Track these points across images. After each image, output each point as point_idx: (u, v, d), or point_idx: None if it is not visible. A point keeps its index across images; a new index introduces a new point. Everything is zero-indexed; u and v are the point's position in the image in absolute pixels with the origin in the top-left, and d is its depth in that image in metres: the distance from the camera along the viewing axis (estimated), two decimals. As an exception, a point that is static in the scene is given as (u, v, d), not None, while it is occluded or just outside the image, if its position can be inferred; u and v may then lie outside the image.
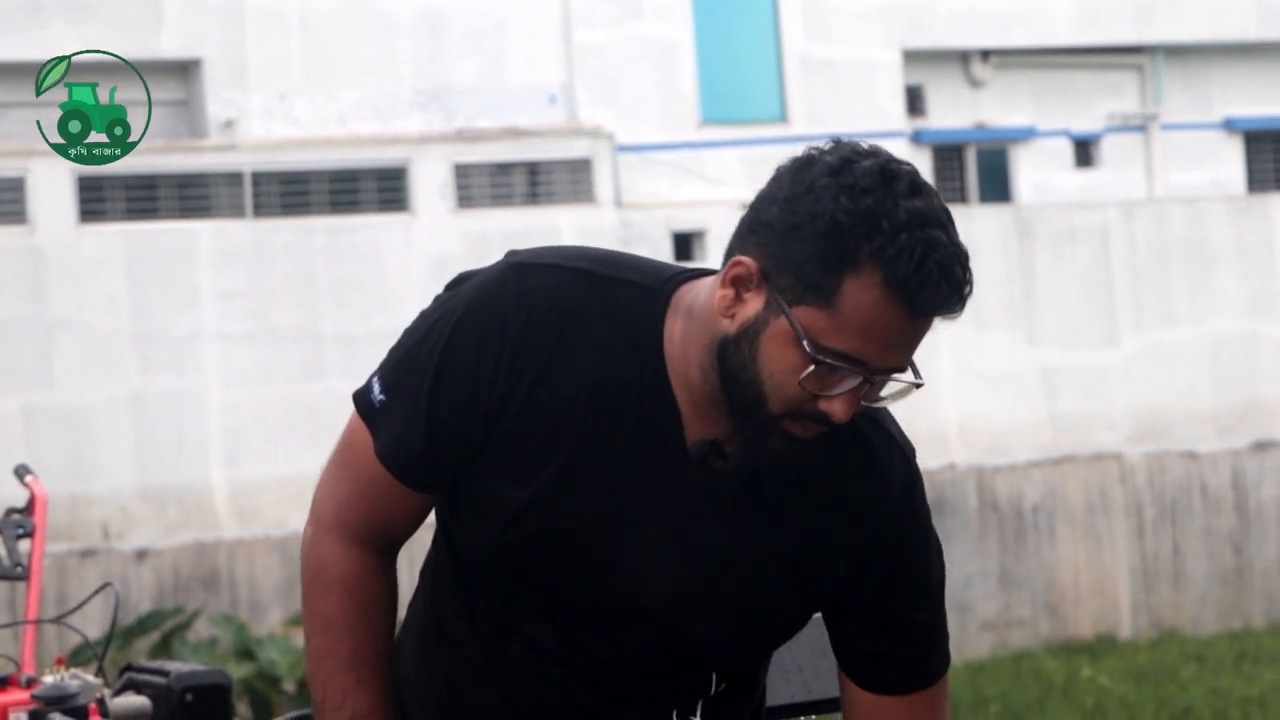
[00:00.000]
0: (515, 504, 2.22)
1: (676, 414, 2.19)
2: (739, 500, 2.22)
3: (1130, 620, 13.27)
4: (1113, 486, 13.49)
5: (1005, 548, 13.13)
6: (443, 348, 2.23)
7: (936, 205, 2.14)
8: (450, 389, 2.22)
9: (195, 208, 12.56)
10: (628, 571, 2.22)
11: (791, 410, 2.14)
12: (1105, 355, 13.85)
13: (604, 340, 2.21)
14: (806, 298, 2.12)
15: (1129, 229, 14.27)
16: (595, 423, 2.20)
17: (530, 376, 2.20)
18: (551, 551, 2.22)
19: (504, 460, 2.21)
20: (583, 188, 13.48)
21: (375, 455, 2.27)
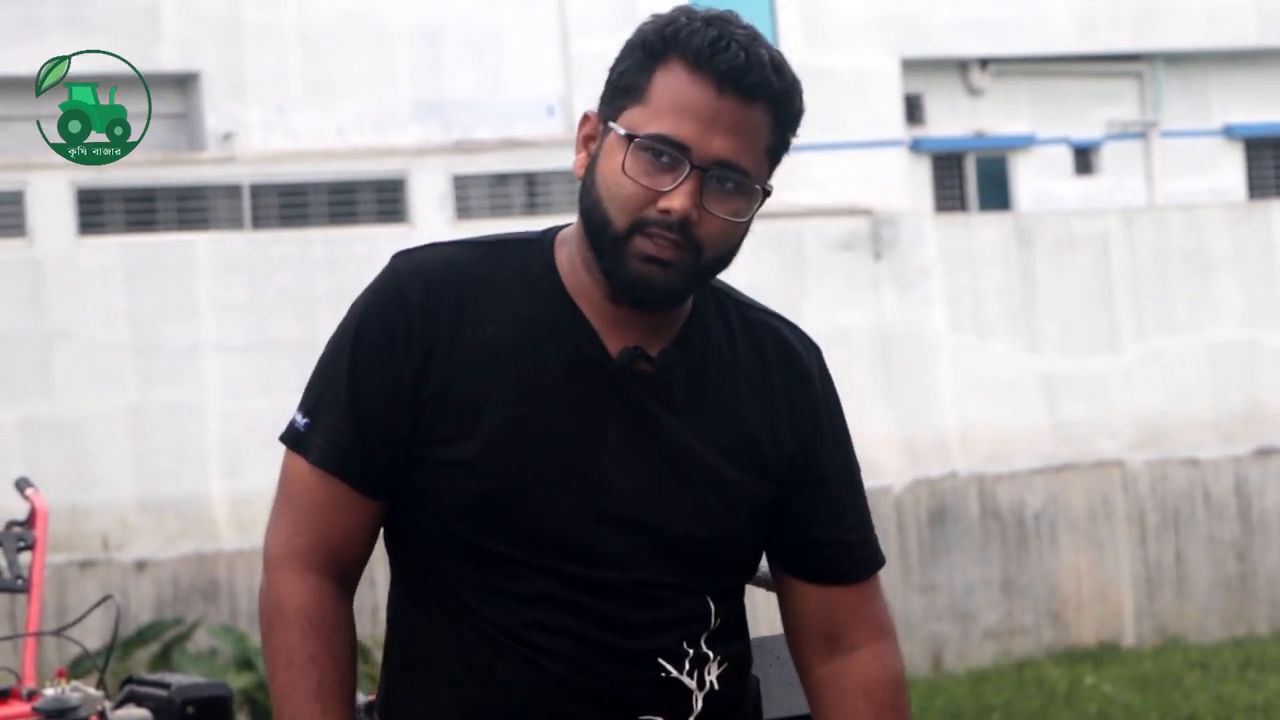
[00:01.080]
0: (471, 456, 2.23)
1: (593, 331, 2.26)
2: (680, 398, 2.28)
3: (1134, 628, 13.25)
4: (1115, 494, 13.47)
5: (1007, 555, 13.11)
6: (352, 346, 2.28)
7: (743, 21, 2.28)
8: (368, 376, 2.26)
9: (194, 220, 12.55)
10: (598, 486, 2.25)
11: (636, 219, 2.21)
12: (1106, 362, 13.84)
13: (505, 287, 2.28)
14: (626, 103, 2.23)
15: (1129, 236, 14.26)
16: (520, 362, 2.25)
17: (443, 337, 2.25)
18: (522, 488, 2.23)
19: (443, 423, 2.24)
20: (582, 198, 13.48)
21: (312, 471, 2.29)
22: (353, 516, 2.31)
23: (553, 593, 2.26)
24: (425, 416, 2.26)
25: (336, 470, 2.28)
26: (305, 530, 2.30)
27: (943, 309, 13.74)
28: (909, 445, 13.22)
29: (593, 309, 2.28)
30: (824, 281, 13.59)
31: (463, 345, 2.26)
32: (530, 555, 2.26)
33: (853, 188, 14.10)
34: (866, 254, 13.71)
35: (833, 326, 13.49)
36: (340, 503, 2.29)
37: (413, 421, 2.26)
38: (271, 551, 2.31)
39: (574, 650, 2.26)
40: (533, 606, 2.27)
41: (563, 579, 2.26)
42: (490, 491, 2.25)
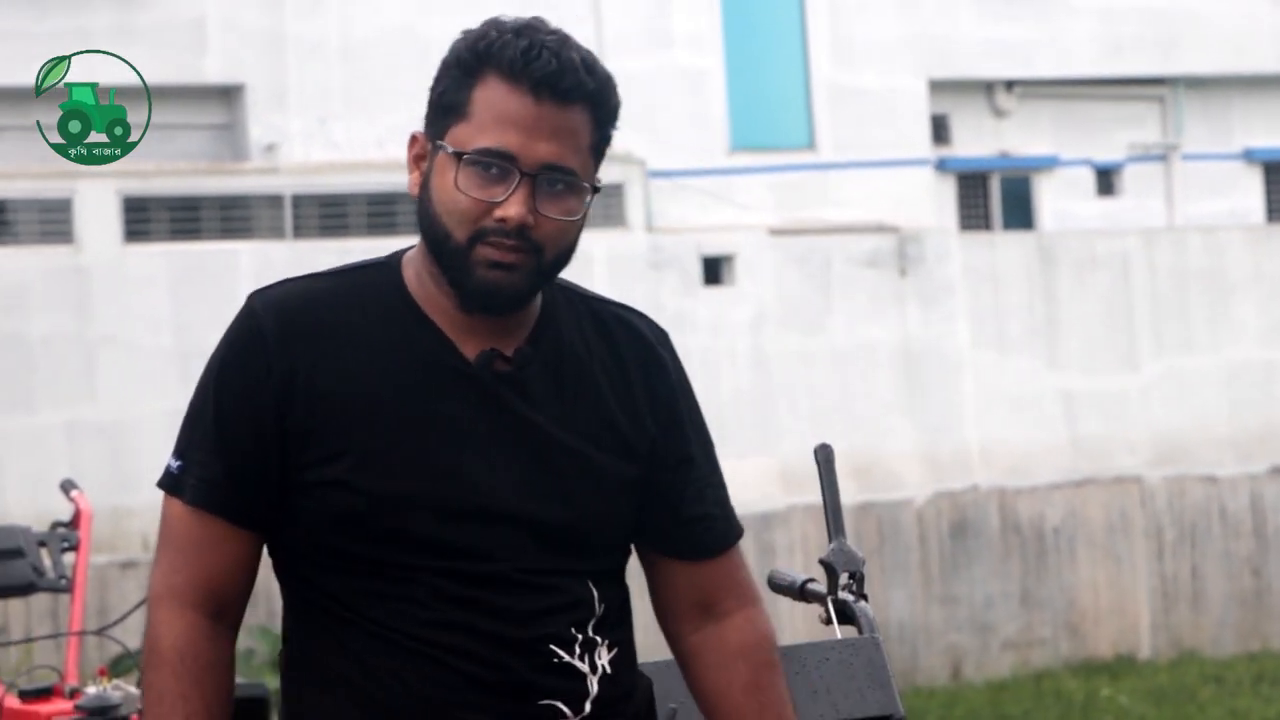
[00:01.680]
0: (346, 474, 2.32)
1: (449, 341, 2.36)
2: (540, 392, 2.38)
3: (1150, 641, 13.41)
4: (1133, 509, 13.63)
5: (1027, 568, 13.28)
6: (215, 386, 2.36)
7: (551, 27, 2.35)
8: (232, 413, 2.34)
9: (237, 229, 12.77)
10: (471, 485, 2.32)
11: (474, 230, 2.31)
12: (1126, 380, 14.00)
13: (360, 311, 2.36)
14: (451, 121, 2.32)
15: (1149, 257, 14.43)
16: (384, 378, 2.34)
17: (303, 365, 2.32)
18: (399, 498, 2.32)
19: (314, 447, 2.32)
20: (614, 212, 13.68)
21: (189, 508, 2.35)
22: (230, 551, 2.37)
23: (445, 590, 2.32)
24: (295, 443, 2.32)
25: (210, 507, 2.35)
26: (182, 568, 2.36)
27: (966, 325, 13.91)
28: (931, 459, 13.40)
29: (446, 320, 2.36)
30: (850, 297, 13.77)
31: (325, 371, 2.32)
32: (418, 559, 2.32)
33: (879, 205, 14.28)
34: (892, 271, 13.88)
35: (858, 342, 13.68)
36: (216, 538, 2.35)
37: (282, 451, 2.33)
38: (152, 590, 2.37)
39: (473, 644, 2.33)
40: (428, 607, 2.33)
41: (452, 576, 2.32)
42: (369, 505, 2.31)
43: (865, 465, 12.83)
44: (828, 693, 3.10)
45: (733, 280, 13.66)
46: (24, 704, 4.42)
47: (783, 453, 13.11)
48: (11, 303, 11.98)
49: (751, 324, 13.58)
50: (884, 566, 12.68)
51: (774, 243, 13.75)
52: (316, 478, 2.34)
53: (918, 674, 12.39)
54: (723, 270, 13.71)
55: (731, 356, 13.49)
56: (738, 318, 13.56)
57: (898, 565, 12.96)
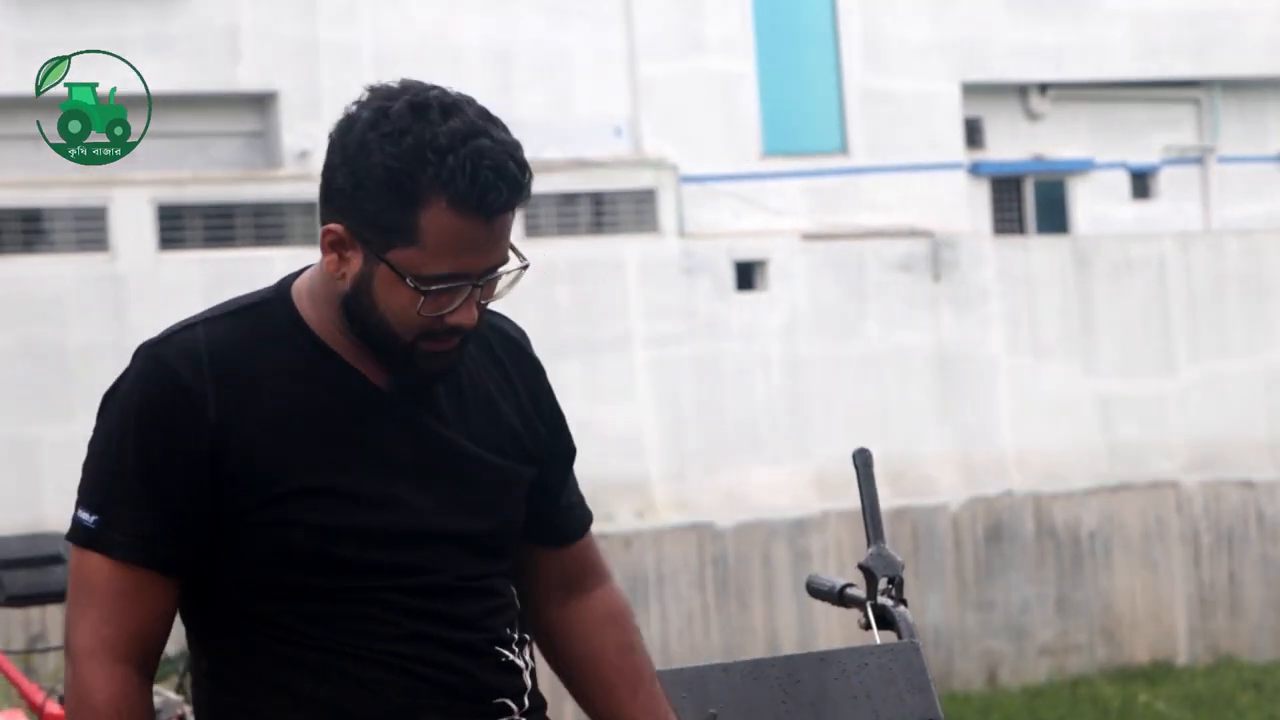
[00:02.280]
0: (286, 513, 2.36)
1: (357, 373, 2.41)
2: (447, 409, 2.45)
3: (1187, 647, 13.35)
4: (1169, 514, 13.58)
5: (1062, 574, 13.24)
6: (136, 438, 2.36)
7: (471, 115, 2.33)
8: (159, 463, 2.35)
9: (271, 236, 12.81)
10: (403, 509, 2.40)
11: (423, 333, 2.37)
12: (1162, 385, 13.95)
13: (265, 352, 2.40)
14: (394, 241, 2.33)
15: (1186, 260, 14.38)
16: (303, 416, 2.39)
17: (230, 411, 2.36)
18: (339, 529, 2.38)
19: (250, 490, 2.36)
20: (647, 218, 13.68)
21: (116, 563, 2.36)
22: (159, 601, 2.38)
23: (400, 604, 2.40)
24: (232, 489, 2.35)
25: (144, 562, 2.36)
26: (112, 620, 2.36)
27: (1000, 330, 13.88)
28: (966, 464, 13.37)
29: (350, 352, 2.41)
30: (884, 302, 13.75)
31: (249, 416, 2.36)
32: (369, 580, 2.39)
33: (912, 210, 14.26)
34: (926, 275, 13.86)
35: (892, 346, 13.65)
36: (146, 590, 2.36)
37: (217, 498, 2.35)
38: (79, 644, 2.37)
39: (434, 652, 2.41)
40: (387, 623, 2.40)
41: (403, 591, 2.40)
42: (320, 539, 2.36)
43: (900, 470, 12.80)
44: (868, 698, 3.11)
45: (765, 285, 13.64)
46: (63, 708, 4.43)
47: (817, 459, 13.09)
48: (48, 311, 12.03)
49: (785, 329, 13.56)
50: (919, 572, 12.65)
51: (807, 247, 13.74)
52: (259, 519, 2.38)
53: (953, 680, 12.35)
54: (755, 275, 13.69)
55: (765, 362, 13.48)
56: (771, 323, 13.54)
57: (932, 571, 12.93)
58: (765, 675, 3.07)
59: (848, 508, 12.24)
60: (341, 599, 2.40)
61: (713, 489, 13.02)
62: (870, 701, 3.10)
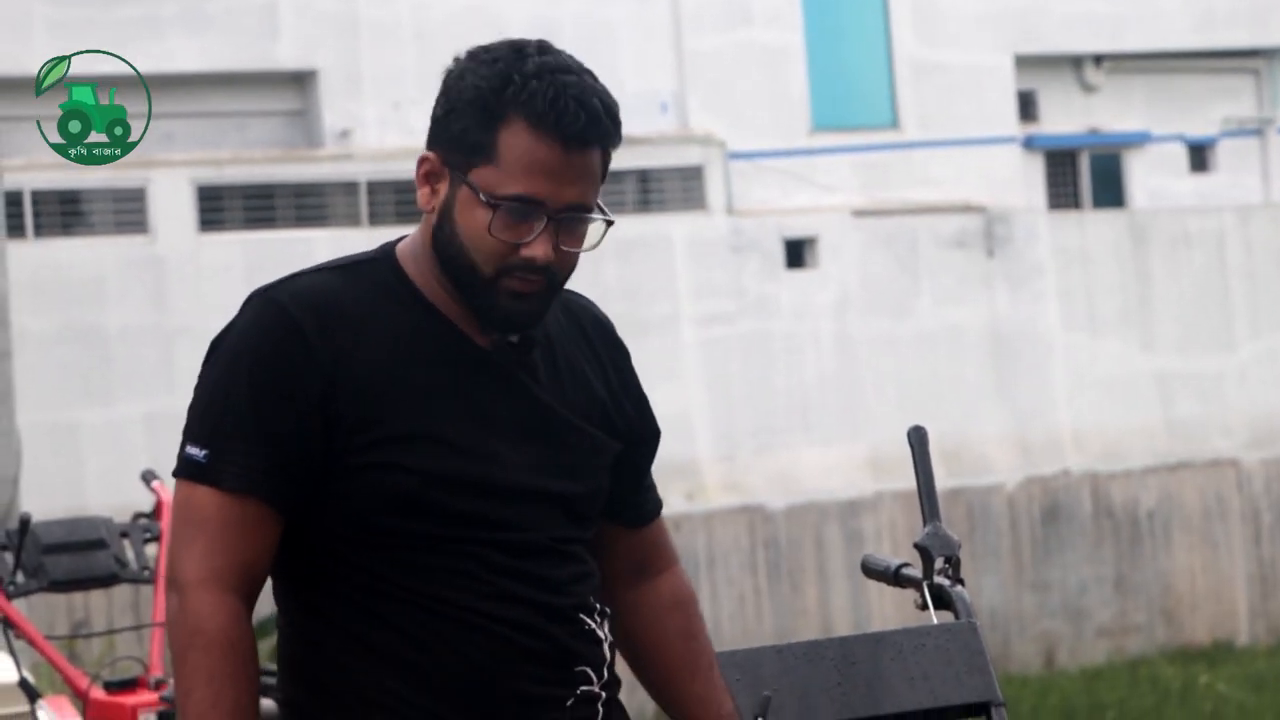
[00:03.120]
0: (390, 457, 2.43)
1: (459, 331, 2.51)
2: (544, 375, 2.55)
3: (1248, 627, 13.17)
4: (1229, 493, 13.40)
5: (1121, 554, 13.08)
6: (248, 375, 2.43)
7: (565, 58, 2.46)
8: (272, 399, 2.42)
9: (311, 216, 12.74)
10: (501, 463, 2.48)
11: (501, 266, 2.45)
12: (1221, 361, 13.75)
13: (373, 306, 2.49)
14: (475, 161, 2.44)
15: (1245, 234, 14.17)
16: (410, 368, 2.47)
17: (343, 355, 2.44)
18: (439, 476, 2.44)
19: (357, 433, 2.43)
20: (694, 195, 13.55)
21: (226, 494, 2.42)
22: (265, 535, 2.44)
23: (492, 562, 2.46)
24: (340, 430, 2.43)
25: (254, 492, 2.42)
26: (222, 552, 2.42)
27: (1056, 307, 13.71)
28: (1022, 443, 13.20)
29: (454, 312, 2.51)
30: (937, 279, 13.59)
31: (360, 360, 2.45)
32: (466, 532, 2.45)
33: (966, 185, 14.10)
34: (979, 251, 13.70)
35: (945, 324, 13.49)
36: (254, 523, 2.43)
37: (325, 437, 2.43)
38: (188, 574, 2.42)
39: (522, 613, 2.47)
40: (478, 579, 2.46)
41: (498, 548, 2.46)
42: (421, 484, 2.43)
43: (954, 450, 12.64)
44: (925, 679, 3.07)
45: (816, 263, 13.50)
46: (109, 695, 4.39)
47: (870, 439, 12.95)
48: (88, 294, 11.98)
49: (836, 307, 13.40)
50: (974, 553, 12.50)
51: (858, 224, 13.58)
52: (365, 461, 2.44)
53: (1010, 662, 12.22)
54: (805, 253, 13.55)
55: (815, 341, 13.33)
56: (821, 301, 13.39)
57: (988, 551, 12.78)
58: (820, 657, 2.99)
59: (901, 488, 12.10)
60: (436, 550, 2.45)
61: (763, 470, 12.89)
62: (928, 683, 3.01)
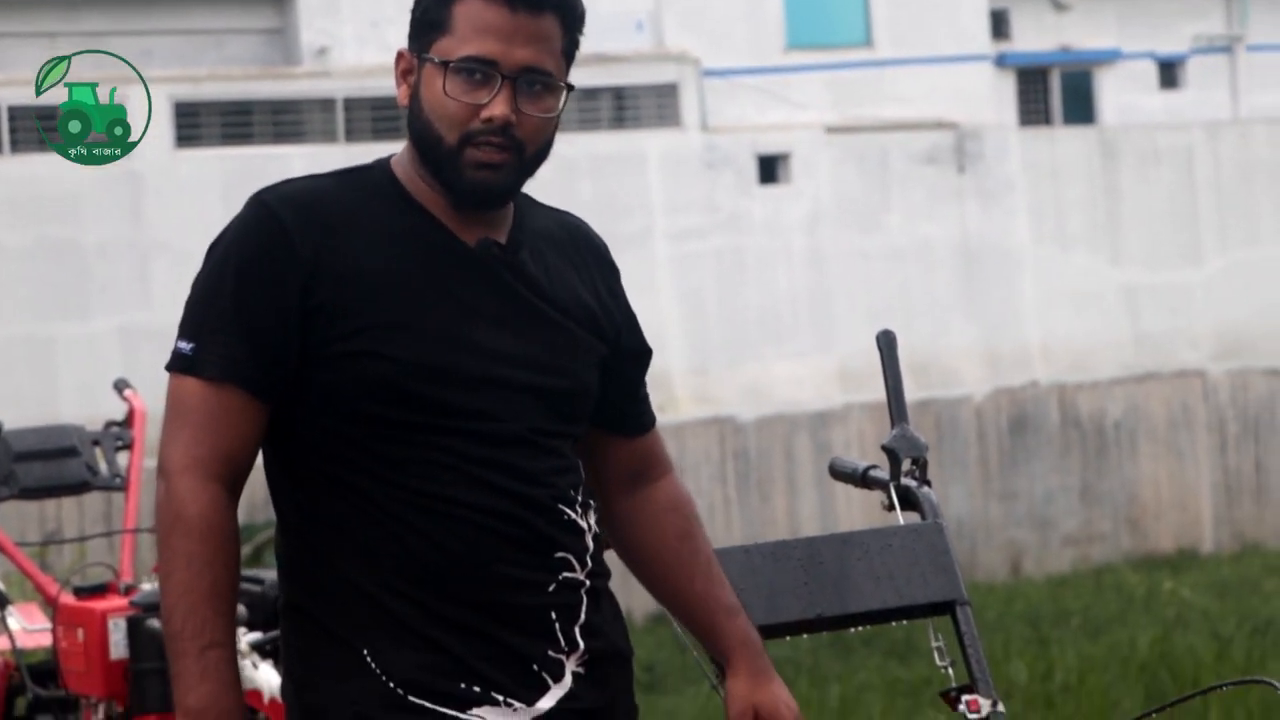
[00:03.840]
0: (372, 345, 2.50)
1: (447, 230, 2.58)
2: (530, 275, 2.62)
3: (1212, 535, 13.36)
4: (1195, 403, 13.55)
5: (1087, 464, 13.23)
6: (235, 271, 2.49)
7: None
8: (255, 294, 2.49)
9: (289, 133, 12.75)
10: (485, 354, 2.55)
11: (464, 132, 2.52)
12: (1189, 274, 13.88)
13: (364, 206, 2.57)
14: (435, 37, 2.52)
15: (1213, 150, 14.26)
16: (396, 263, 2.54)
17: (324, 251, 2.51)
18: (423, 365, 2.51)
19: (339, 323, 2.50)
20: (669, 112, 13.59)
21: (207, 383, 2.49)
22: (248, 423, 2.51)
23: (470, 453, 2.52)
24: (320, 321, 2.49)
25: (233, 379, 2.49)
26: (205, 440, 2.49)
27: (1026, 222, 13.80)
28: (991, 355, 13.33)
29: (441, 212, 2.57)
30: (908, 195, 13.67)
31: (343, 254, 2.52)
32: (444, 422, 2.52)
33: (937, 102, 14.15)
34: (950, 168, 13.78)
35: (916, 239, 13.58)
36: (237, 411, 2.50)
37: (305, 329, 2.49)
38: (173, 461, 2.49)
39: (500, 502, 2.52)
40: (456, 469, 2.52)
41: (475, 438, 2.52)
42: (399, 371, 2.50)
43: (924, 363, 12.77)
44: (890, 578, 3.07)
45: (789, 179, 13.57)
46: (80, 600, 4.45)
47: (840, 352, 13.07)
48: (65, 210, 12.00)
49: (808, 223, 13.49)
50: (942, 463, 12.65)
51: (831, 141, 13.65)
52: (346, 349, 2.51)
53: (977, 570, 12.38)
54: (779, 169, 13.62)
55: (788, 256, 13.43)
56: (794, 217, 13.48)
57: (956, 462, 12.93)
58: (787, 557, 3.00)
59: (870, 400, 12.22)
60: (415, 441, 2.51)
61: (734, 382, 13.00)
62: (893, 582, 3.05)
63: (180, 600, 2.49)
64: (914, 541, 3.16)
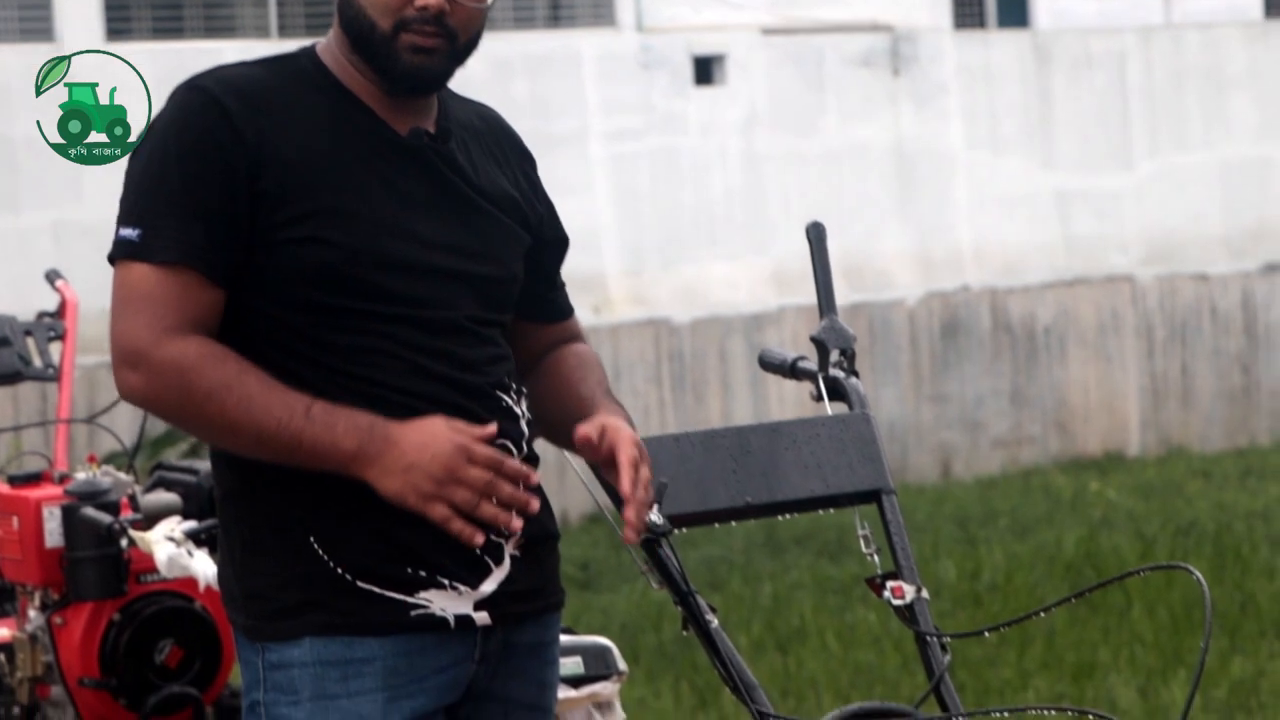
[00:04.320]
0: (315, 231, 2.55)
1: (379, 118, 2.64)
2: (459, 164, 2.69)
3: (1139, 438, 13.52)
4: (1124, 308, 13.68)
5: (1017, 367, 13.34)
6: (177, 155, 2.53)
7: None
8: (202, 175, 2.53)
9: (221, 27, 12.64)
10: (420, 242, 2.61)
11: (397, 19, 2.59)
12: (1120, 179, 13.97)
13: (296, 94, 2.62)
14: None
15: (1146, 55, 14.31)
16: (332, 151, 2.60)
17: (267, 135, 2.56)
18: (362, 251, 2.57)
19: (283, 208, 2.55)
20: (604, 11, 13.53)
21: (159, 267, 2.51)
22: (204, 307, 2.53)
23: (412, 340, 2.58)
24: (265, 205, 2.54)
25: (187, 262, 2.52)
26: (168, 314, 2.51)
27: (960, 125, 13.84)
28: (923, 259, 13.40)
29: (374, 102, 2.63)
30: (842, 97, 13.68)
31: (282, 140, 2.56)
32: (386, 309, 2.57)
33: (872, 4, 14.14)
34: (885, 70, 13.78)
35: (850, 142, 13.60)
36: (193, 291, 2.52)
37: (252, 213, 2.54)
38: (143, 341, 2.51)
39: (441, 390, 2.60)
40: (398, 357, 2.58)
41: (417, 325, 2.59)
42: (343, 258, 2.55)
43: (857, 266, 12.83)
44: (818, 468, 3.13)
45: (724, 80, 13.54)
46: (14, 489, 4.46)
47: (774, 254, 13.10)
48: (-6, 104, 11.88)
49: (743, 125, 13.49)
50: (875, 366, 12.74)
51: (766, 42, 13.62)
52: (289, 235, 2.56)
53: (908, 472, 12.50)
54: (714, 70, 13.59)
55: (722, 158, 13.43)
56: (729, 118, 13.47)
57: (889, 365, 13.02)
58: (717, 446, 3.06)
59: (804, 303, 12.27)
60: (358, 329, 2.56)
61: (669, 284, 13.03)
62: (821, 471, 3.10)
63: (249, 411, 2.50)
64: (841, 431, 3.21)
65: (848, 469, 3.17)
